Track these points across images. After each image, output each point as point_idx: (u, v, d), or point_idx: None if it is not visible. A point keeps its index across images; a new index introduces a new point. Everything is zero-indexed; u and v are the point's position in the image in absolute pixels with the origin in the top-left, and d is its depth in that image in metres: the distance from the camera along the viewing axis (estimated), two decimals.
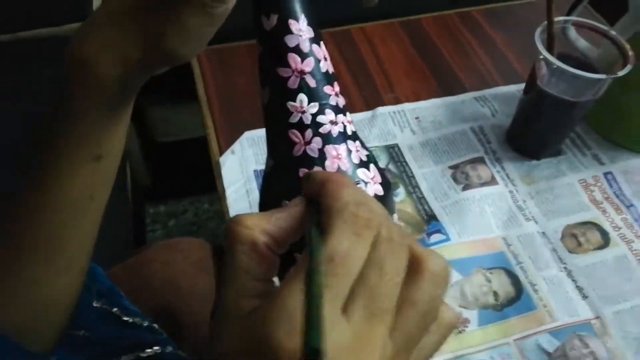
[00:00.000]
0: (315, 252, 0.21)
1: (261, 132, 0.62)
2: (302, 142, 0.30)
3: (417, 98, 0.68)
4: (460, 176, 0.60)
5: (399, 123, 0.65)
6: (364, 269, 0.22)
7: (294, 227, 0.24)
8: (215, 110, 0.63)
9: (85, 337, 0.44)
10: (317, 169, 0.30)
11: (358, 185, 0.30)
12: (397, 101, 0.67)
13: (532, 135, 0.62)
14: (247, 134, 0.62)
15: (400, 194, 0.59)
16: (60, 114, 0.32)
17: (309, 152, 0.30)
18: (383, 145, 0.63)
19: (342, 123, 0.31)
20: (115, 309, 0.46)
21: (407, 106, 0.66)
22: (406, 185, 0.59)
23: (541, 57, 0.54)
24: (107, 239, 0.58)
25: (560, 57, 0.54)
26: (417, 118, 0.65)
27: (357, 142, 0.31)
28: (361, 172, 0.30)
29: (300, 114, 0.30)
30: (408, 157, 0.62)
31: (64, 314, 0.39)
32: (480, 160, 0.61)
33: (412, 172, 0.60)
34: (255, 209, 0.56)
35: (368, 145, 0.61)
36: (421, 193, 0.59)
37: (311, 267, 0.20)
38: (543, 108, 0.58)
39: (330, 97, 0.31)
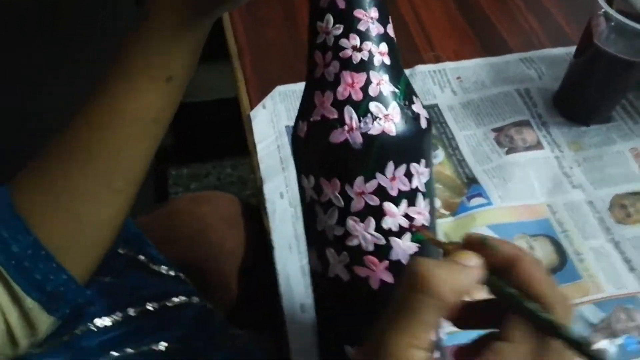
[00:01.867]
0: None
1: (293, 87, 0.59)
2: (322, 64, 0.29)
3: (458, 58, 0.64)
4: (504, 139, 0.57)
5: (439, 82, 0.62)
6: None
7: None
8: (246, 63, 0.61)
9: (111, 284, 0.43)
10: (328, 95, 0.29)
11: (365, 119, 0.29)
12: (437, 60, 0.63)
13: (582, 99, 0.58)
14: (279, 88, 0.59)
15: (439, 156, 0.56)
16: (132, 37, 0.33)
17: (326, 75, 0.29)
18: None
19: (369, 51, 0.29)
20: (141, 257, 0.45)
21: (448, 65, 0.63)
22: (446, 147, 0.56)
23: (601, 12, 0.50)
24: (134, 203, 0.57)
25: (620, 14, 0.50)
26: (458, 78, 0.62)
27: (386, 76, 0.29)
28: (374, 105, 0.29)
29: (324, 35, 0.30)
30: (448, 117, 0.59)
31: (109, 238, 0.38)
32: (526, 124, 0.58)
33: (452, 134, 0.57)
34: (286, 164, 0.53)
35: None
36: (461, 155, 0.56)
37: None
38: (597, 68, 0.54)
39: (360, 22, 0.29)
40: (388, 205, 0.29)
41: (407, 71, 0.62)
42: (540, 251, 0.49)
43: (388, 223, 0.30)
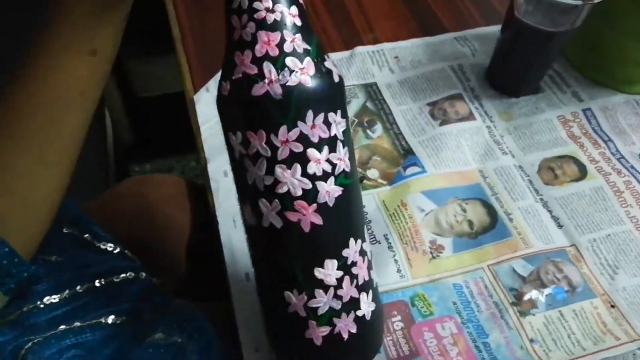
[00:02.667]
0: None
1: None
2: (239, 26, 0.32)
3: (396, 39, 0.67)
4: (438, 112, 0.59)
5: (377, 62, 0.64)
6: None
7: None
8: (189, 48, 0.62)
9: (58, 262, 0.44)
10: (247, 53, 0.31)
11: (283, 72, 0.31)
12: (376, 41, 0.66)
13: (510, 72, 0.61)
14: None
15: (377, 130, 0.58)
16: (53, 9, 0.33)
17: (243, 36, 0.31)
18: (361, 84, 0.62)
19: (281, 12, 0.31)
20: (87, 235, 0.46)
21: (386, 46, 0.65)
22: (383, 122, 0.59)
23: None
24: (87, 198, 0.57)
25: None
26: (396, 57, 0.65)
27: (298, 35, 0.32)
28: (290, 60, 0.31)
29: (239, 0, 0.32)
30: (386, 94, 0.61)
31: (48, 213, 0.38)
32: (459, 97, 0.61)
33: (389, 109, 0.60)
34: None
35: (346, 83, 0.61)
36: (398, 129, 0.58)
37: None
38: (521, 41, 0.57)
39: None
40: (311, 151, 0.32)
41: (347, 52, 0.65)
42: (472, 213, 0.52)
43: (313, 168, 0.32)
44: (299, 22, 0.32)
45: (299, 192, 0.32)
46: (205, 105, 0.58)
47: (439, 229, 0.51)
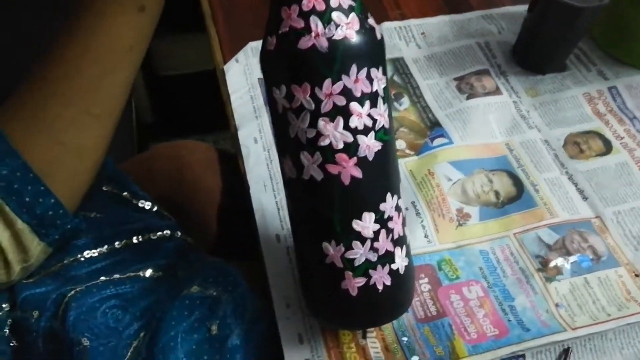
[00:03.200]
0: None
1: None
2: None
3: (423, 15, 0.67)
4: (465, 87, 0.60)
5: (404, 38, 0.65)
6: None
7: None
8: (219, 21, 0.63)
9: (97, 219, 0.46)
10: (294, 8, 0.32)
11: (330, 26, 0.32)
12: (403, 17, 0.67)
13: (537, 49, 0.62)
14: (252, 44, 0.62)
15: (404, 103, 0.59)
16: None
17: None
18: (388, 59, 0.63)
19: None
20: (125, 193, 0.47)
21: (413, 22, 0.66)
22: (410, 95, 0.60)
23: None
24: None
25: None
26: (423, 33, 0.65)
27: None
28: (336, 15, 0.32)
29: None
30: (413, 69, 0.62)
31: (93, 164, 0.40)
32: (485, 72, 0.61)
33: (416, 83, 0.61)
34: (259, 112, 0.56)
35: None
36: (425, 102, 0.59)
37: None
38: (549, 17, 0.58)
39: None
40: (354, 105, 0.33)
41: None
42: (499, 183, 0.53)
43: (355, 122, 0.33)
44: None
45: (341, 145, 0.33)
46: (235, 75, 0.59)
47: (466, 198, 0.51)
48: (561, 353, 0.43)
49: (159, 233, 0.47)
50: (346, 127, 0.33)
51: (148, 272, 0.44)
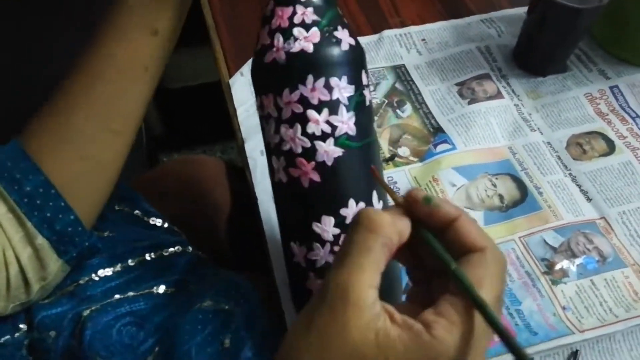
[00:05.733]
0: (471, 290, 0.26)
1: None
2: (265, 5, 0.36)
3: (422, 22, 0.68)
4: (466, 92, 0.61)
5: (405, 45, 0.66)
6: None
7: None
8: (223, 34, 0.65)
9: (110, 238, 0.47)
10: (266, 28, 0.36)
11: (289, 41, 0.35)
12: (403, 24, 0.67)
13: (537, 51, 0.62)
14: None
15: (406, 110, 0.60)
16: None
17: (266, 13, 0.36)
18: (390, 66, 0.64)
19: None
20: (136, 212, 0.48)
21: (413, 29, 0.67)
22: (412, 102, 0.60)
23: None
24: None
25: None
26: (423, 40, 0.66)
27: (310, 9, 0.35)
28: (297, 30, 0.35)
29: None
30: (414, 75, 0.63)
31: (112, 180, 0.42)
32: (486, 77, 0.62)
33: (418, 90, 0.61)
34: None
35: (374, 65, 0.63)
36: (427, 108, 0.60)
37: (479, 302, 0.26)
38: (548, 19, 0.58)
39: None
40: (311, 112, 0.35)
41: (375, 36, 0.67)
42: (503, 187, 0.53)
43: (312, 128, 0.35)
44: None
45: (299, 150, 0.35)
46: (240, 88, 0.60)
47: (470, 203, 0.52)
48: (569, 356, 0.44)
49: (171, 249, 0.48)
50: (304, 133, 0.35)
51: (161, 289, 0.45)
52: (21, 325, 0.41)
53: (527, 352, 0.26)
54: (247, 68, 0.62)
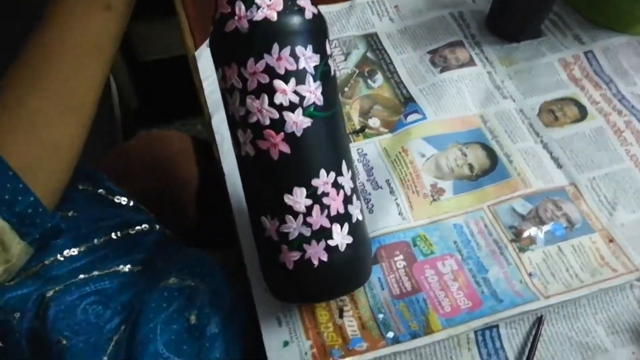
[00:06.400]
0: None
1: None
2: None
3: None
4: (439, 60, 0.60)
5: (377, 12, 0.64)
6: None
7: None
8: (188, 4, 0.63)
9: (75, 217, 0.46)
10: None
11: (251, 9, 0.33)
12: None
13: (511, 17, 0.61)
14: None
15: (378, 80, 0.59)
16: None
17: None
18: (361, 35, 0.62)
19: None
20: (100, 190, 0.48)
21: None
22: (384, 72, 0.59)
23: None
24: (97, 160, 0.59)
25: None
26: (396, 7, 0.65)
27: None
28: None
29: None
30: (386, 44, 0.61)
31: (71, 161, 0.41)
32: (459, 44, 0.61)
33: (390, 59, 0.60)
34: None
35: (345, 34, 0.61)
36: (399, 78, 0.59)
37: None
38: None
39: None
40: (277, 82, 0.34)
41: (346, 3, 0.65)
42: (473, 156, 0.53)
43: (279, 98, 0.34)
44: None
45: (267, 122, 0.35)
46: (207, 60, 0.59)
47: (440, 173, 0.52)
48: (535, 322, 0.44)
49: (137, 227, 0.47)
50: (271, 103, 0.34)
51: (127, 267, 0.45)
52: None
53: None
54: None
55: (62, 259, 0.44)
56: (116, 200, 0.49)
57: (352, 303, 0.45)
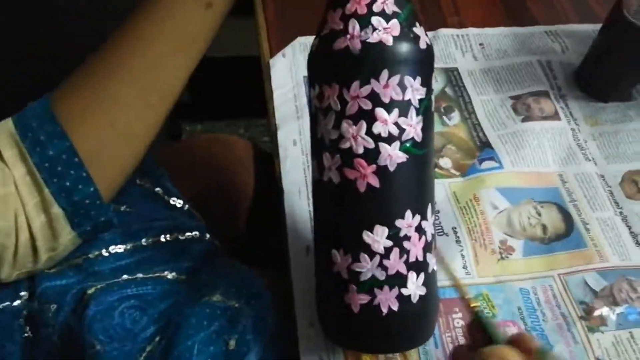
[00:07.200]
0: None
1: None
2: None
3: (483, 25, 0.63)
4: (521, 107, 0.56)
5: (461, 47, 0.61)
6: None
7: None
8: (269, 12, 0.61)
9: (127, 213, 0.44)
10: (338, 11, 0.32)
11: (366, 29, 0.31)
12: (461, 25, 0.63)
13: (603, 75, 0.58)
14: (300, 39, 0.59)
15: (454, 118, 0.56)
16: None
17: None
18: (442, 68, 0.59)
19: None
20: (157, 189, 0.46)
21: (471, 31, 0.62)
22: (462, 110, 0.56)
23: None
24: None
25: None
26: (481, 44, 0.62)
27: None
28: (376, 19, 0.32)
29: None
30: (467, 82, 0.58)
31: (137, 153, 0.39)
32: (545, 94, 0.58)
33: (469, 98, 0.57)
34: (301, 113, 0.54)
35: None
36: (477, 119, 0.56)
37: None
38: (624, 43, 0.53)
39: None
40: (380, 111, 0.32)
41: (429, 34, 0.62)
42: (547, 217, 0.49)
43: (378, 128, 0.32)
44: None
45: (361, 150, 0.32)
46: (280, 70, 0.57)
47: (511, 230, 0.48)
48: None
49: (188, 234, 0.45)
50: (369, 132, 0.32)
51: (171, 275, 0.43)
52: (22, 293, 0.39)
53: None
54: (289, 49, 0.58)
55: (106, 254, 0.42)
56: (171, 202, 0.46)
57: (401, 356, 0.41)
